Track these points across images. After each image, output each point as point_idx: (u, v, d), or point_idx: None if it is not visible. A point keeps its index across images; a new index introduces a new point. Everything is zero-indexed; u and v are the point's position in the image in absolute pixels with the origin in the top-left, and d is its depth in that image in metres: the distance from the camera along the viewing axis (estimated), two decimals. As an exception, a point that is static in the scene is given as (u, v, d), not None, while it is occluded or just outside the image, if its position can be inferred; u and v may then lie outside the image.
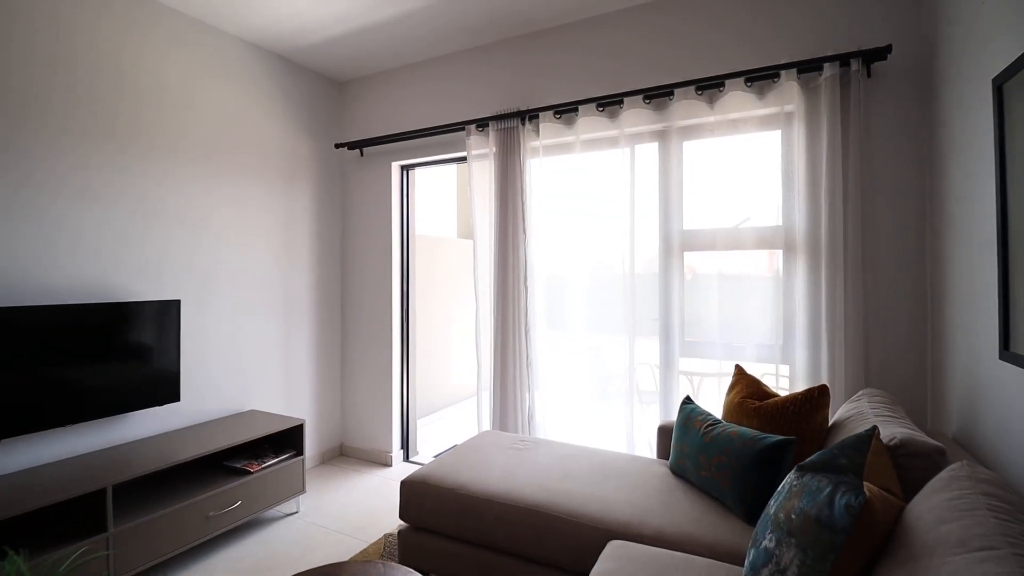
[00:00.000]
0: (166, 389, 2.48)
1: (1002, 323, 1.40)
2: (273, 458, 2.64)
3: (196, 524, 2.23)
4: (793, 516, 1.22)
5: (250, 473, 2.49)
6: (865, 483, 1.16)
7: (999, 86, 1.40)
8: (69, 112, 2.23)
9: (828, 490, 1.16)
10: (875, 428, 1.33)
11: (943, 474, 1.15)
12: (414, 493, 1.99)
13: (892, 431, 1.41)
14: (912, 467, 1.32)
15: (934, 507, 1.05)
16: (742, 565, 1.51)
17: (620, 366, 2.73)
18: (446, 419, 4.80)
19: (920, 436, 1.37)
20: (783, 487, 1.33)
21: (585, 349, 2.91)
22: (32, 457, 2.12)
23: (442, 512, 1.92)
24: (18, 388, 1.98)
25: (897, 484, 1.27)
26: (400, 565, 1.52)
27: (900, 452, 1.34)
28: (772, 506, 1.33)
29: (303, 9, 2.68)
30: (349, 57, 3.25)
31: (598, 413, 2.93)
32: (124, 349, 2.32)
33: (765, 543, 1.28)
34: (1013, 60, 1.34)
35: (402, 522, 2.40)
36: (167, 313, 2.48)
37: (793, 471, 1.34)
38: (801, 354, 2.29)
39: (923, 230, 2.11)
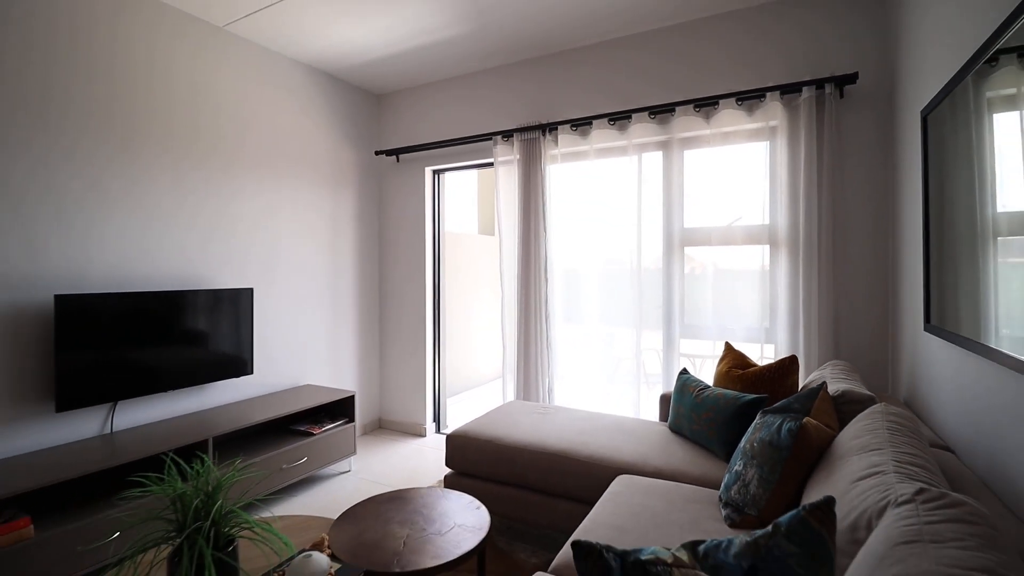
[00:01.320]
0: (242, 363, 2.95)
1: (925, 303, 1.79)
2: (330, 424, 3.10)
3: (275, 474, 2.69)
4: (755, 444, 1.63)
5: (313, 435, 2.95)
6: (807, 418, 1.57)
7: (924, 117, 1.79)
8: (168, 134, 2.69)
9: (778, 423, 1.58)
10: (824, 383, 1.74)
11: (865, 411, 1.56)
12: (458, 445, 2.43)
13: (838, 386, 1.82)
14: (849, 411, 1.73)
15: (852, 431, 1.46)
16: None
17: (629, 349, 3.15)
18: (469, 399, 5.25)
19: (858, 389, 1.77)
20: (751, 427, 1.75)
21: (598, 334, 3.32)
22: (142, 417, 2.59)
23: (481, 459, 2.36)
24: (128, 359, 2.45)
25: (836, 422, 1.68)
26: (453, 491, 1.95)
27: (841, 400, 1.75)
28: (743, 441, 1.75)
29: (353, 37, 3.11)
30: (388, 74, 3.68)
31: (609, 390, 3.34)
32: (210, 328, 2.78)
33: (736, 468, 1.70)
34: (933, 96, 1.73)
35: (448, 469, 2.84)
36: (242, 299, 2.94)
37: (759, 414, 1.75)
38: (783, 334, 2.69)
39: (885, 228, 2.49)
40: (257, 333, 3.15)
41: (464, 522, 1.72)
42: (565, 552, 1.46)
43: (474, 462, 2.38)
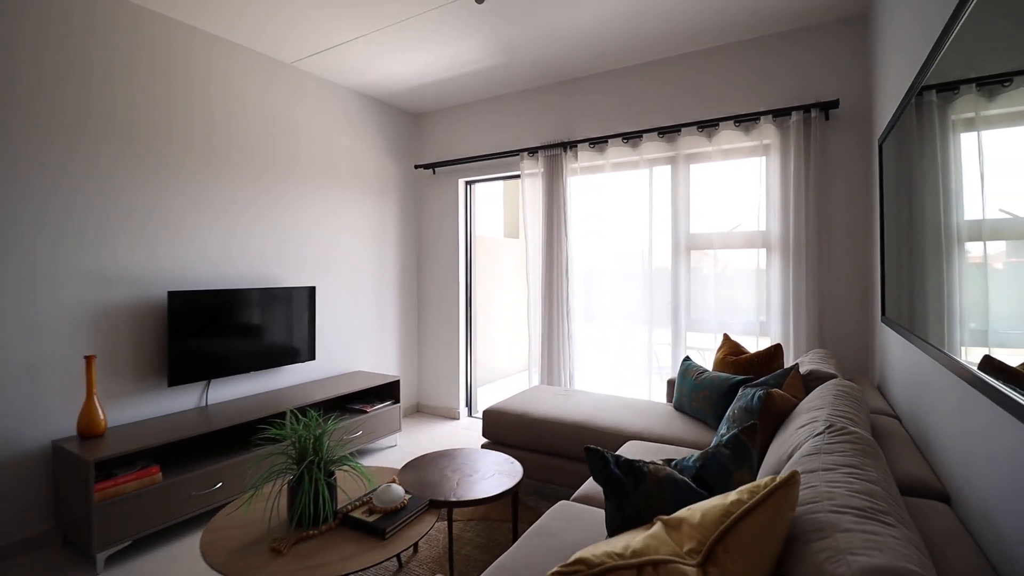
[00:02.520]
0: (307, 350, 3.45)
1: (881, 299, 2.17)
2: (379, 404, 3.58)
3: (338, 444, 3.18)
4: (735, 411, 2.04)
5: (366, 412, 3.44)
6: (774, 389, 1.97)
7: (880, 144, 2.16)
8: (246, 157, 3.20)
9: (752, 393, 1.98)
10: (796, 364, 2.14)
11: (823, 384, 1.95)
12: (492, 419, 2.88)
13: (809, 367, 2.21)
14: (815, 386, 2.11)
15: (808, 398, 1.85)
16: (713, 455, 2.32)
17: (640, 342, 3.55)
18: (494, 389, 5.70)
19: (824, 368, 2.16)
20: (735, 399, 2.15)
21: (613, 328, 3.73)
22: (228, 393, 3.11)
23: (512, 431, 2.80)
24: (219, 345, 2.96)
25: (803, 394, 2.07)
26: (491, 451, 2.40)
27: (809, 378, 2.14)
28: (728, 411, 2.15)
29: (397, 69, 3.58)
30: (426, 97, 4.15)
31: (623, 377, 3.74)
32: (282, 320, 3.29)
33: (722, 431, 2.10)
34: (884, 127, 2.10)
35: (484, 439, 3.28)
36: (306, 295, 3.45)
37: (740, 388, 2.15)
38: (776, 326, 3.06)
39: (863, 234, 2.85)
40: (317, 324, 3.65)
41: (501, 471, 2.16)
42: (583, 487, 1.89)
43: (506, 433, 2.83)
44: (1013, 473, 1.01)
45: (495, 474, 2.14)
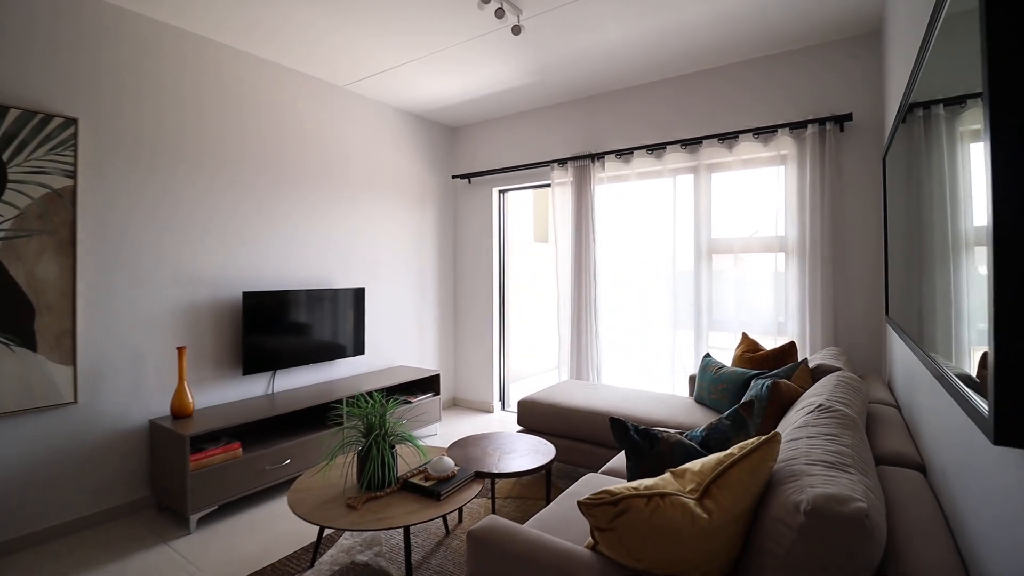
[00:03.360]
0: (357, 345, 3.81)
1: (885, 299, 2.36)
2: (421, 396, 3.91)
3: (397, 423, 3.52)
4: (748, 399, 2.27)
5: (410, 403, 3.77)
6: (782, 380, 2.19)
7: (883, 158, 2.36)
8: (304, 174, 3.59)
9: (762, 383, 2.21)
10: (805, 359, 2.35)
11: (827, 376, 2.16)
12: (526, 408, 3.17)
13: (818, 362, 2.41)
14: (821, 378, 2.32)
15: (812, 388, 2.07)
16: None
17: (664, 340, 3.78)
18: (524, 385, 5.99)
19: (831, 362, 2.36)
20: (748, 390, 2.38)
21: (639, 328, 3.96)
22: (289, 383, 3.48)
23: (544, 419, 3.08)
24: (283, 339, 3.33)
25: (811, 386, 2.29)
26: (527, 434, 2.68)
27: (817, 371, 2.35)
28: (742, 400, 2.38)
29: (437, 90, 3.91)
30: (462, 112, 4.48)
31: (647, 374, 3.97)
32: (335, 318, 3.65)
33: (735, 418, 2.33)
34: (886, 143, 2.30)
35: (519, 427, 3.57)
36: (357, 296, 3.81)
37: (752, 380, 2.38)
38: (793, 326, 3.25)
39: (875, 238, 3.02)
40: (365, 322, 4.01)
41: (536, 451, 2.44)
42: (610, 463, 2.16)
43: (539, 421, 3.11)
44: (959, 446, 1.23)
45: (531, 452, 2.42)
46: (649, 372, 3.96)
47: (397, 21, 2.86)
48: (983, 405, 0.85)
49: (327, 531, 2.44)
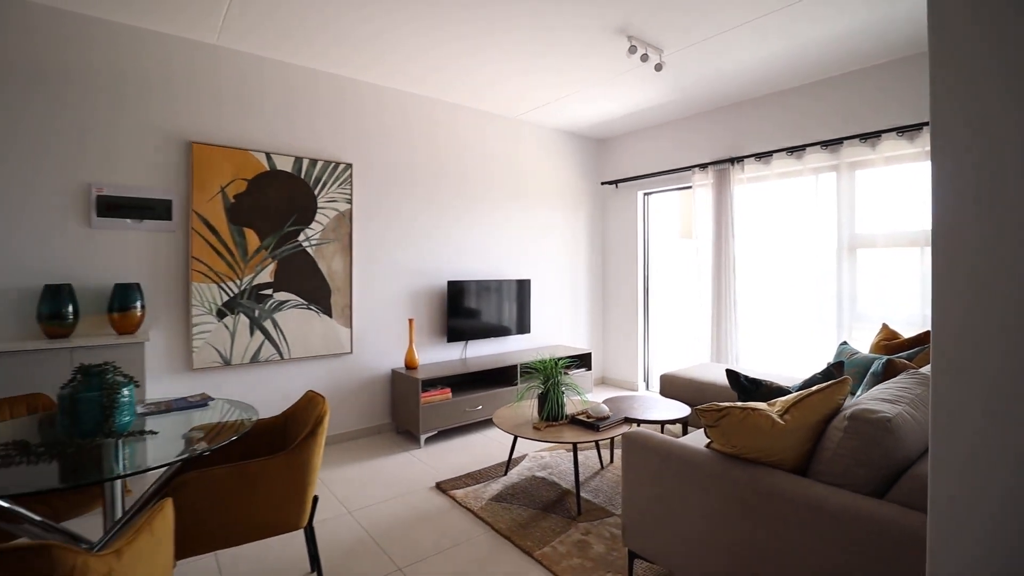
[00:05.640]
0: (525, 325, 4.73)
1: None
2: (577, 369, 4.70)
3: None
4: (868, 376, 2.62)
5: (567, 374, 4.58)
6: (897, 358, 2.50)
7: None
8: (486, 189, 4.60)
9: (881, 361, 2.55)
10: (930, 345, 2.62)
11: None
12: (668, 381, 3.76)
13: (944, 346, 2.64)
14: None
15: (924, 366, 2.38)
16: (853, 415, 2.88)
17: (805, 331, 4.03)
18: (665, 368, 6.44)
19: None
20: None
21: (779, 318, 4.25)
22: (475, 352, 4.52)
23: (682, 391, 3.64)
24: (472, 317, 4.36)
25: (931, 366, 2.55)
26: (668, 398, 3.30)
27: (941, 354, 2.59)
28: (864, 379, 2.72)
29: (590, 112, 4.64)
30: (609, 127, 5.14)
31: (786, 363, 4.24)
32: (511, 302, 4.61)
33: (858, 393, 2.69)
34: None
35: (661, 395, 4.18)
36: (525, 285, 4.73)
37: (875, 361, 2.70)
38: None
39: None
40: (531, 307, 4.93)
41: (675, 408, 3.06)
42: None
43: (678, 392, 3.68)
44: None
45: (669, 409, 3.04)
46: (788, 360, 4.23)
47: (557, 71, 3.65)
48: None
49: (514, 455, 3.35)
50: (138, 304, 2.86)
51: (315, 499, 1.81)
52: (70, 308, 2.69)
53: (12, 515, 1.49)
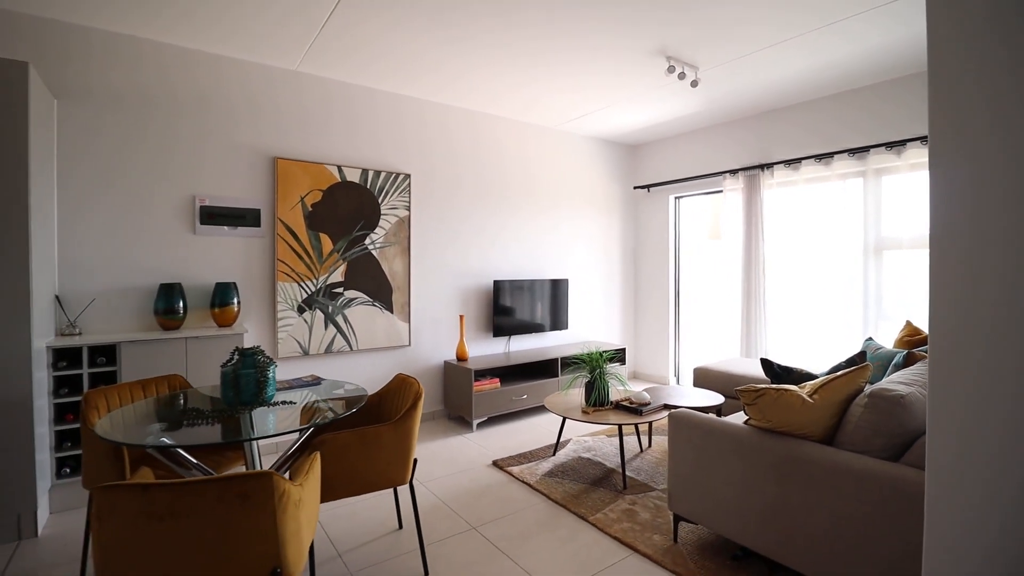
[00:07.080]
0: (562, 322, 5.06)
1: (1034, 288, 2.72)
2: (610, 364, 5.00)
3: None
4: (890, 368, 2.87)
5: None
6: (917, 351, 2.76)
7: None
8: (527, 196, 4.93)
9: (902, 353, 2.80)
10: (949, 337, 2.87)
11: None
12: (700, 373, 4.05)
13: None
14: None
15: (944, 357, 2.63)
16: (877, 404, 3.13)
17: (832, 328, 4.26)
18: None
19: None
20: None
21: (807, 316, 4.49)
22: (517, 346, 4.87)
23: (713, 382, 3.92)
24: (515, 314, 4.70)
25: (949, 359, 2.79)
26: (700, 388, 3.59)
27: (959, 348, 2.83)
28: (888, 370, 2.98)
29: (624, 122, 4.93)
30: (641, 134, 5.43)
31: (814, 359, 4.47)
32: (551, 300, 4.94)
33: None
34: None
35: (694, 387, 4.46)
36: (563, 285, 5.05)
37: (897, 354, 2.95)
38: (961, 315, 3.55)
39: (1056, 234, 3.20)
40: (569, 305, 5.25)
41: (708, 397, 3.35)
42: (764, 405, 2.98)
43: (711, 383, 3.96)
44: None
45: (705, 397, 3.34)
46: (815, 356, 4.46)
47: (598, 87, 3.97)
48: None
49: (561, 439, 3.67)
50: (235, 301, 3.28)
51: (415, 461, 2.17)
52: (180, 304, 3.12)
53: (186, 462, 1.89)
